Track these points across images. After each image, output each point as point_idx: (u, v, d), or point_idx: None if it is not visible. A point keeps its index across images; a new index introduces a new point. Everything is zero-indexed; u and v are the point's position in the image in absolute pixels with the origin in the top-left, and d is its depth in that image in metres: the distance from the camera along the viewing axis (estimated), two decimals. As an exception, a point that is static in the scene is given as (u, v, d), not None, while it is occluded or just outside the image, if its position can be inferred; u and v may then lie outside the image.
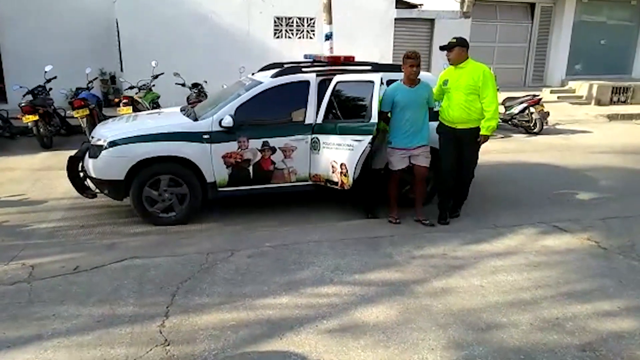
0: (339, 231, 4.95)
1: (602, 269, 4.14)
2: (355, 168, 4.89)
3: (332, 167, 5.10)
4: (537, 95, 10.67)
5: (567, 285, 3.84)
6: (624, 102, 14.45)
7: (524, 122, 10.32)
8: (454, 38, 5.00)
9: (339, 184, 5.09)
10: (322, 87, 5.32)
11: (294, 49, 11.72)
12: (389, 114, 5.06)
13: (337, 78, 5.30)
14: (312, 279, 3.92)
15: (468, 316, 3.39)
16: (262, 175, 5.24)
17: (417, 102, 4.97)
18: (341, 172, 5.01)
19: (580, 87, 14.77)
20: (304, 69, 5.48)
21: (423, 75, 5.58)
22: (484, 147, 5.11)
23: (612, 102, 14.33)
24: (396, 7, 12.94)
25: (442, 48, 5.08)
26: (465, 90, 4.86)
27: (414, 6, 13.98)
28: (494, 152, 4.84)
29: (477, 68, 4.92)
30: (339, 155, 5.03)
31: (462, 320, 3.33)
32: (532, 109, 10.18)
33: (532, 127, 10.15)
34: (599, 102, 14.21)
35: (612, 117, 12.72)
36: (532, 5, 15.19)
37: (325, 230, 4.96)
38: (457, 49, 4.92)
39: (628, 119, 12.72)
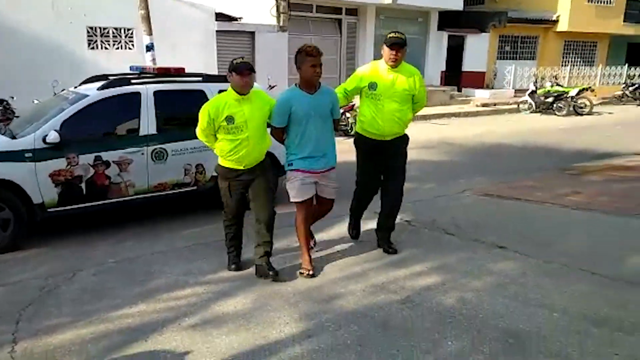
0: (184, 239, 5.04)
1: (413, 241, 5.01)
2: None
3: (185, 170, 5.49)
4: (351, 102, 11.97)
5: (388, 257, 4.59)
6: (419, 105, 16.93)
7: (342, 126, 11.50)
8: (401, 34, 4.16)
9: (192, 183, 5.56)
10: (155, 98, 5.37)
11: (112, 61, 11.21)
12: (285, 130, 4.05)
13: (169, 87, 5.49)
14: (166, 286, 4.01)
15: (313, 292, 3.88)
16: (97, 191, 5.07)
17: (319, 112, 3.97)
18: (197, 172, 5.53)
19: (385, 93, 16.88)
20: (133, 81, 5.47)
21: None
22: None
23: (410, 105, 16.68)
24: (217, 20, 13.24)
25: (394, 45, 4.11)
26: (400, 98, 4.18)
27: (234, 19, 14.46)
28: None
29: (413, 72, 4.26)
30: (192, 157, 5.46)
31: (309, 297, 3.81)
32: (347, 114, 11.43)
33: (350, 130, 11.37)
34: (400, 106, 16.42)
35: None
36: (340, 21, 16.88)
37: (170, 240, 5.02)
38: (406, 48, 4.11)
39: (423, 120, 15.00)
